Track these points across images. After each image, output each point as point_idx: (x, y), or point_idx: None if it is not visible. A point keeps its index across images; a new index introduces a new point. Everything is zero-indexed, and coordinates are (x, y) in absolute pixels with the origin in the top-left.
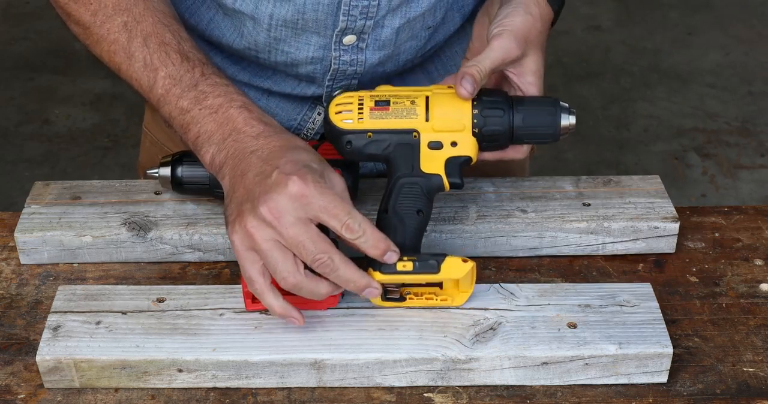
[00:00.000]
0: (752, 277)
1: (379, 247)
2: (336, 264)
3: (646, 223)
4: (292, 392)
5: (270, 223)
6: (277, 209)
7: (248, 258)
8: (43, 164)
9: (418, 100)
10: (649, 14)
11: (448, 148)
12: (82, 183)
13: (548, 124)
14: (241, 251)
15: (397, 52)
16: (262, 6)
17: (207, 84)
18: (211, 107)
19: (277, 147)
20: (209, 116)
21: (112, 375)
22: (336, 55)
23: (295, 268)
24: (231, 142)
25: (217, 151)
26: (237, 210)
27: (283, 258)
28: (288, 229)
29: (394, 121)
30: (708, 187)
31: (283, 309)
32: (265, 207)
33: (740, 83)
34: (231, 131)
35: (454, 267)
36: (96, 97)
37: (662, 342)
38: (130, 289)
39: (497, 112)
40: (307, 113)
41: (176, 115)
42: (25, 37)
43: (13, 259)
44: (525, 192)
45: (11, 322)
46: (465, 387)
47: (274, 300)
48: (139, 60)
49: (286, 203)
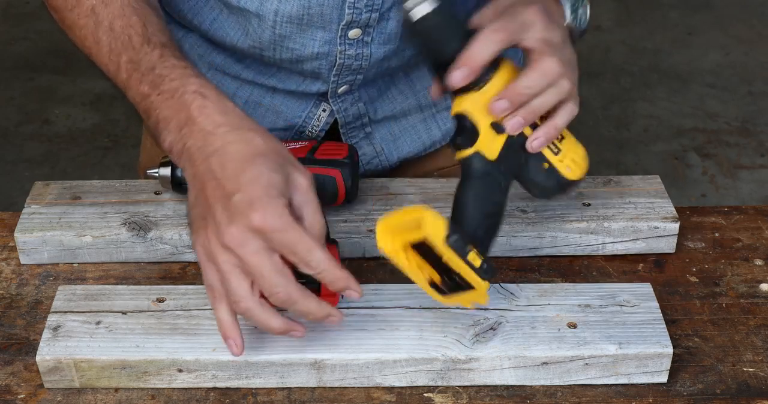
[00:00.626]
0: (752, 277)
1: (338, 285)
2: (294, 298)
3: (646, 223)
4: (292, 392)
5: (233, 251)
6: (240, 239)
7: (208, 269)
8: (43, 164)
9: None
10: (649, 14)
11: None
12: (82, 183)
13: None
14: (202, 261)
15: (402, 46)
16: (267, 3)
17: (164, 66)
18: (168, 92)
19: (237, 156)
20: (165, 102)
21: (112, 375)
22: (341, 50)
23: (249, 294)
24: (186, 132)
25: (174, 141)
26: (200, 221)
27: (238, 283)
28: (250, 257)
29: None
30: (708, 187)
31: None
32: (229, 236)
33: (740, 83)
34: (186, 120)
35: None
36: (96, 97)
37: (662, 342)
38: (130, 289)
39: None
40: (312, 110)
41: (139, 100)
42: (25, 37)
43: (13, 259)
44: (525, 192)
45: (11, 322)
46: (465, 387)
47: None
48: (105, 45)
49: (248, 235)
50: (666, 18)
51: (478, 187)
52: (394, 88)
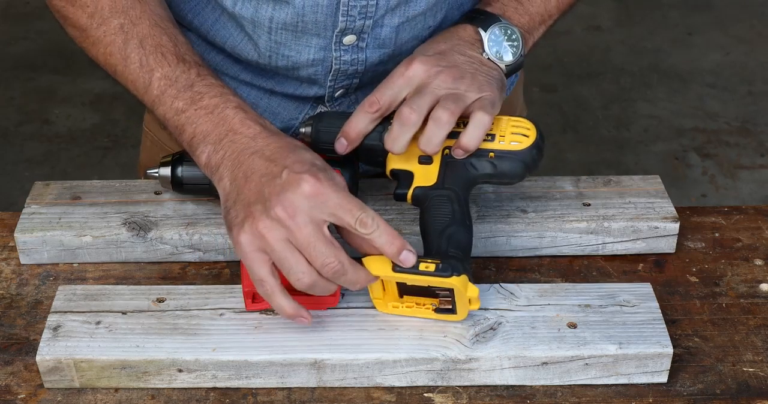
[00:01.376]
0: (752, 277)
1: (395, 244)
2: (345, 268)
3: (646, 223)
4: (292, 392)
5: (284, 223)
6: (293, 208)
7: (257, 260)
8: (43, 164)
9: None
10: (649, 14)
11: None
12: (82, 183)
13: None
14: (249, 252)
15: (398, 51)
16: (261, 10)
17: (203, 85)
18: (206, 108)
19: (279, 147)
20: (205, 117)
21: (112, 375)
22: (337, 56)
23: (310, 268)
24: (228, 142)
25: (213, 151)
26: (245, 211)
27: (296, 259)
28: (302, 229)
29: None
30: (708, 187)
31: (295, 309)
32: (280, 207)
33: (740, 83)
34: (227, 131)
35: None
36: (96, 97)
37: (662, 342)
38: (130, 289)
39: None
40: (309, 112)
41: (171, 115)
42: (25, 37)
43: (13, 259)
44: (525, 192)
45: (11, 322)
46: (465, 387)
47: (285, 301)
48: (134, 61)
49: (301, 202)
50: (666, 18)
51: (432, 211)
52: None
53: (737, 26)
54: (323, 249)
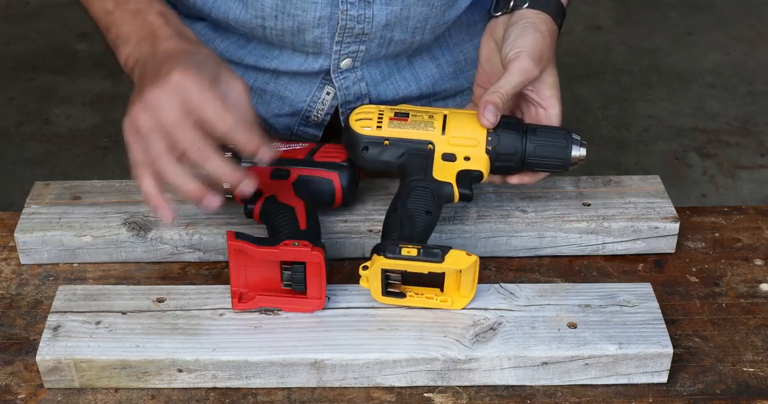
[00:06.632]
0: (752, 277)
1: (253, 143)
2: (208, 153)
3: (646, 223)
4: (292, 392)
5: (153, 109)
6: (158, 95)
7: (134, 143)
8: (43, 164)
9: (436, 116)
10: (649, 14)
11: (461, 161)
12: (82, 183)
13: (559, 155)
14: (128, 136)
15: (406, 14)
16: None
17: None
18: (132, 11)
19: (181, 49)
20: (129, 20)
21: (112, 375)
22: (343, 9)
23: (166, 152)
24: (145, 44)
25: (131, 52)
26: (129, 105)
27: (155, 141)
28: (168, 113)
29: (412, 132)
30: (708, 187)
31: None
32: (150, 95)
33: (740, 83)
34: (147, 34)
35: (458, 259)
36: (96, 97)
37: (662, 342)
38: (130, 289)
39: (511, 134)
40: (316, 93)
41: (101, 16)
42: (25, 37)
43: (13, 259)
44: (525, 192)
45: (11, 322)
46: (465, 387)
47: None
48: None
49: (166, 92)
50: (666, 18)
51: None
52: (398, 75)
53: (737, 26)
54: (187, 133)
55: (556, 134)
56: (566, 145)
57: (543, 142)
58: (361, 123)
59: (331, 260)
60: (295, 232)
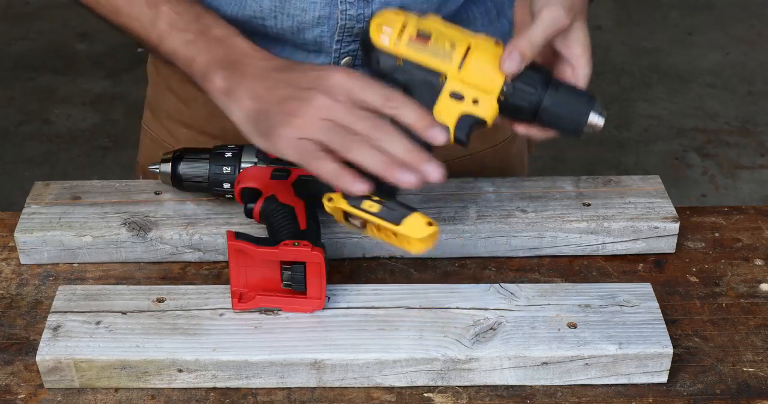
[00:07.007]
0: (752, 277)
1: (425, 119)
2: (401, 106)
3: (646, 223)
4: (292, 392)
5: (326, 104)
6: (331, 92)
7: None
8: (43, 164)
9: (459, 46)
10: (649, 14)
11: (468, 103)
12: (82, 183)
13: (575, 117)
14: (297, 146)
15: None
16: None
17: (210, 17)
18: (216, 37)
19: (293, 62)
20: (216, 45)
21: (112, 375)
22: (342, 9)
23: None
24: (242, 65)
25: (229, 75)
26: (281, 111)
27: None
28: (342, 105)
29: (427, 58)
30: (708, 187)
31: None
32: (333, 80)
33: (740, 83)
34: (241, 56)
35: (416, 226)
36: (96, 97)
37: (662, 342)
38: (130, 289)
39: (529, 89)
40: None
41: (181, 47)
42: (25, 37)
43: (13, 259)
44: (525, 192)
45: (11, 322)
46: (465, 387)
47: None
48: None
49: (338, 85)
50: (666, 18)
51: None
52: None
53: (737, 26)
54: (377, 89)
55: (579, 96)
56: (586, 110)
57: (562, 100)
58: (380, 31)
59: (331, 260)
60: (295, 232)
